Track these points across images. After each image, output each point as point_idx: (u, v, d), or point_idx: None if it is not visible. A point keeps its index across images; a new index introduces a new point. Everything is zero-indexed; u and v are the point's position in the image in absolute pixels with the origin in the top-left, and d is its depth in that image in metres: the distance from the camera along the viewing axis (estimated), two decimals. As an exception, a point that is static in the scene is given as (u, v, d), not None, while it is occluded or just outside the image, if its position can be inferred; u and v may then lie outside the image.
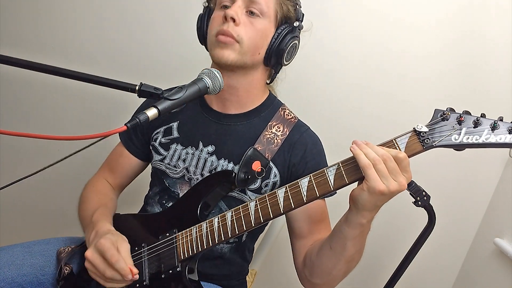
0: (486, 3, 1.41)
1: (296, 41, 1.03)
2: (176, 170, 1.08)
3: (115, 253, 0.84)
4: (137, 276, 0.85)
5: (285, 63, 1.04)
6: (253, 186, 1.02)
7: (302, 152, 1.04)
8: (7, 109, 1.87)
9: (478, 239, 1.61)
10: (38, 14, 1.76)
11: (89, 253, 0.86)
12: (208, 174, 1.04)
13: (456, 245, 1.64)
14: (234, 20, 0.93)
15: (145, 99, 1.07)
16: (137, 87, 0.79)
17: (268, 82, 1.12)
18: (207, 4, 1.05)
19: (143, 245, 0.99)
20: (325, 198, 1.04)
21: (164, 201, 1.10)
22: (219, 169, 1.04)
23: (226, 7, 0.97)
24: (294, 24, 1.00)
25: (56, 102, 1.83)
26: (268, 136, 1.03)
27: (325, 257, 0.88)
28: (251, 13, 0.96)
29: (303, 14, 1.03)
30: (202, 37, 1.05)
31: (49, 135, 0.66)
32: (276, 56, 1.00)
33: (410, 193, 0.79)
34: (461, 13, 1.44)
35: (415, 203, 0.78)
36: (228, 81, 1.00)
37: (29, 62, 0.74)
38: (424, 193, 0.78)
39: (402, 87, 1.53)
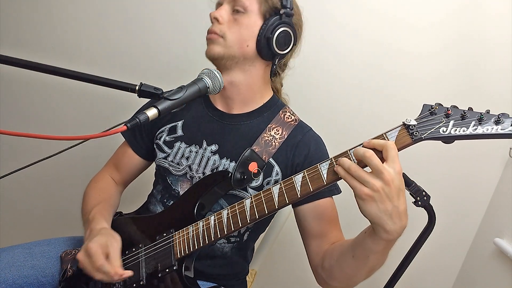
0: (486, 3, 1.41)
1: (287, 28, 1.01)
2: (179, 168, 1.08)
3: (99, 258, 0.86)
4: (128, 273, 0.87)
5: (278, 51, 1.02)
6: (254, 184, 1.03)
7: (305, 152, 1.05)
8: (7, 109, 1.87)
9: (478, 239, 1.61)
10: (38, 14, 1.76)
11: (80, 256, 0.89)
12: (210, 172, 1.05)
13: (456, 245, 1.64)
14: (218, 20, 1.01)
15: (148, 99, 1.08)
16: (137, 87, 0.79)
17: (270, 77, 1.12)
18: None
19: (140, 245, 1.00)
20: (333, 197, 1.04)
21: (165, 200, 1.11)
22: (221, 168, 1.05)
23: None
24: (280, 12, 1.00)
25: (56, 102, 1.83)
26: (266, 138, 1.04)
27: (347, 264, 0.87)
28: (236, 12, 1.01)
29: (291, 1, 1.02)
30: None
31: (49, 135, 0.66)
32: (267, 45, 1.00)
33: (410, 193, 0.79)
34: (461, 13, 1.44)
35: (415, 203, 0.78)
36: (227, 78, 1.04)
37: (29, 62, 0.74)
38: (424, 193, 0.78)
39: (403, 87, 1.53)
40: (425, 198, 0.78)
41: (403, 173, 0.78)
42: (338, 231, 1.02)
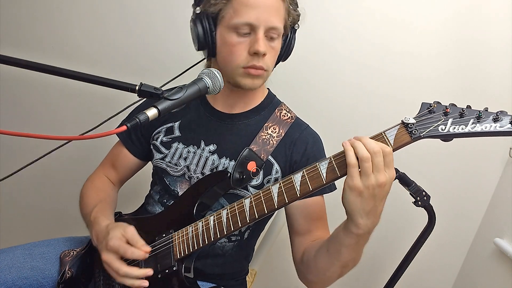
0: (485, 4, 1.41)
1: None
2: (177, 168, 1.08)
3: (127, 248, 0.88)
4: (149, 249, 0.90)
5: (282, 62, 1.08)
6: (255, 183, 1.03)
7: (303, 149, 1.05)
8: (7, 109, 1.87)
9: (478, 239, 1.61)
10: (38, 14, 1.76)
11: (105, 257, 0.89)
12: (209, 172, 1.05)
13: (456, 245, 1.64)
14: (264, 55, 0.95)
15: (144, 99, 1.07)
16: (137, 87, 0.79)
17: None
18: (200, 10, 0.97)
19: None
20: (324, 195, 1.05)
21: (165, 200, 1.11)
22: (220, 167, 1.05)
23: (244, 33, 0.94)
24: (295, 27, 1.03)
25: (56, 102, 1.83)
26: (264, 137, 1.05)
27: (321, 258, 0.89)
28: (271, 39, 0.97)
29: (300, 14, 1.04)
30: (205, 46, 1.00)
31: (49, 135, 0.66)
32: (279, 60, 1.06)
33: (410, 193, 0.79)
34: (461, 14, 1.44)
35: (415, 203, 0.78)
36: (238, 90, 1.04)
37: (29, 62, 0.74)
38: (424, 193, 0.78)
39: (402, 87, 1.53)
40: (425, 198, 0.78)
41: (403, 173, 0.78)
42: (324, 230, 1.03)
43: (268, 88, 1.16)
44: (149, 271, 0.88)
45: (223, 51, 0.98)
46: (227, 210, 0.91)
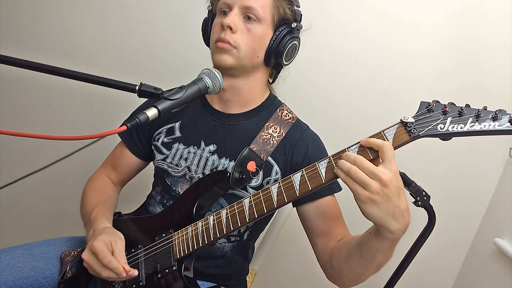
0: (486, 4, 1.41)
1: (296, 42, 1.04)
2: (178, 169, 1.08)
3: (106, 254, 0.86)
4: (134, 272, 0.86)
5: (285, 63, 1.06)
6: (254, 183, 1.03)
7: (304, 151, 1.05)
8: (7, 109, 1.87)
9: (478, 239, 1.61)
10: (38, 14, 1.76)
11: (85, 256, 0.89)
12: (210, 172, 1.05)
13: (456, 245, 1.64)
14: (231, 28, 0.96)
15: (145, 99, 1.08)
16: (137, 87, 0.79)
17: (270, 82, 1.14)
18: (211, 7, 1.08)
19: (139, 246, 1.00)
20: (335, 194, 1.04)
21: (165, 201, 1.11)
22: (220, 168, 1.05)
23: (225, 13, 1.00)
24: (292, 25, 1.02)
25: (56, 102, 1.83)
26: (264, 137, 1.04)
27: (355, 264, 0.87)
28: (248, 18, 0.98)
29: (301, 14, 1.04)
30: (207, 40, 1.08)
31: (49, 135, 0.66)
32: (275, 58, 1.03)
33: (410, 193, 0.79)
34: (461, 14, 1.44)
35: (415, 203, 0.78)
36: (230, 83, 1.03)
37: (29, 62, 0.74)
38: (424, 193, 0.78)
39: (401, 86, 1.53)
40: (425, 198, 0.77)
41: (403, 173, 0.78)
42: (343, 228, 1.02)
43: (270, 90, 1.15)
44: (134, 272, 0.86)
45: (210, 36, 1.05)
46: (227, 210, 0.91)
